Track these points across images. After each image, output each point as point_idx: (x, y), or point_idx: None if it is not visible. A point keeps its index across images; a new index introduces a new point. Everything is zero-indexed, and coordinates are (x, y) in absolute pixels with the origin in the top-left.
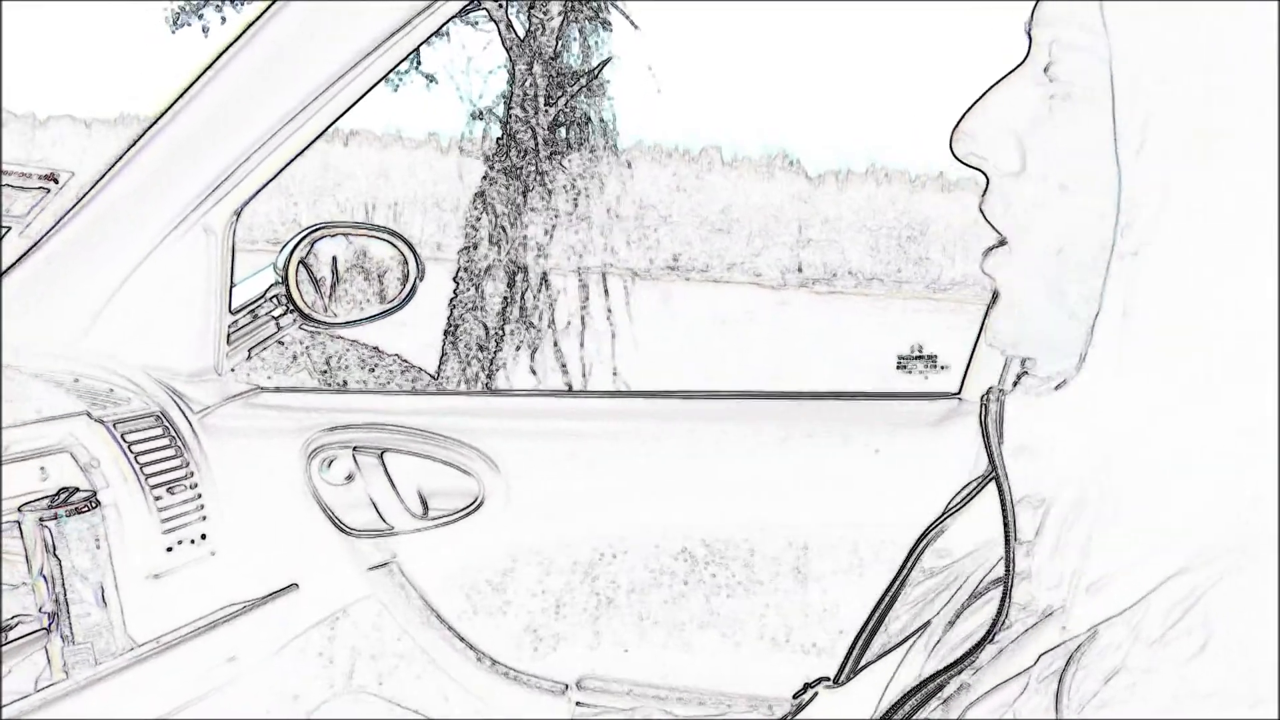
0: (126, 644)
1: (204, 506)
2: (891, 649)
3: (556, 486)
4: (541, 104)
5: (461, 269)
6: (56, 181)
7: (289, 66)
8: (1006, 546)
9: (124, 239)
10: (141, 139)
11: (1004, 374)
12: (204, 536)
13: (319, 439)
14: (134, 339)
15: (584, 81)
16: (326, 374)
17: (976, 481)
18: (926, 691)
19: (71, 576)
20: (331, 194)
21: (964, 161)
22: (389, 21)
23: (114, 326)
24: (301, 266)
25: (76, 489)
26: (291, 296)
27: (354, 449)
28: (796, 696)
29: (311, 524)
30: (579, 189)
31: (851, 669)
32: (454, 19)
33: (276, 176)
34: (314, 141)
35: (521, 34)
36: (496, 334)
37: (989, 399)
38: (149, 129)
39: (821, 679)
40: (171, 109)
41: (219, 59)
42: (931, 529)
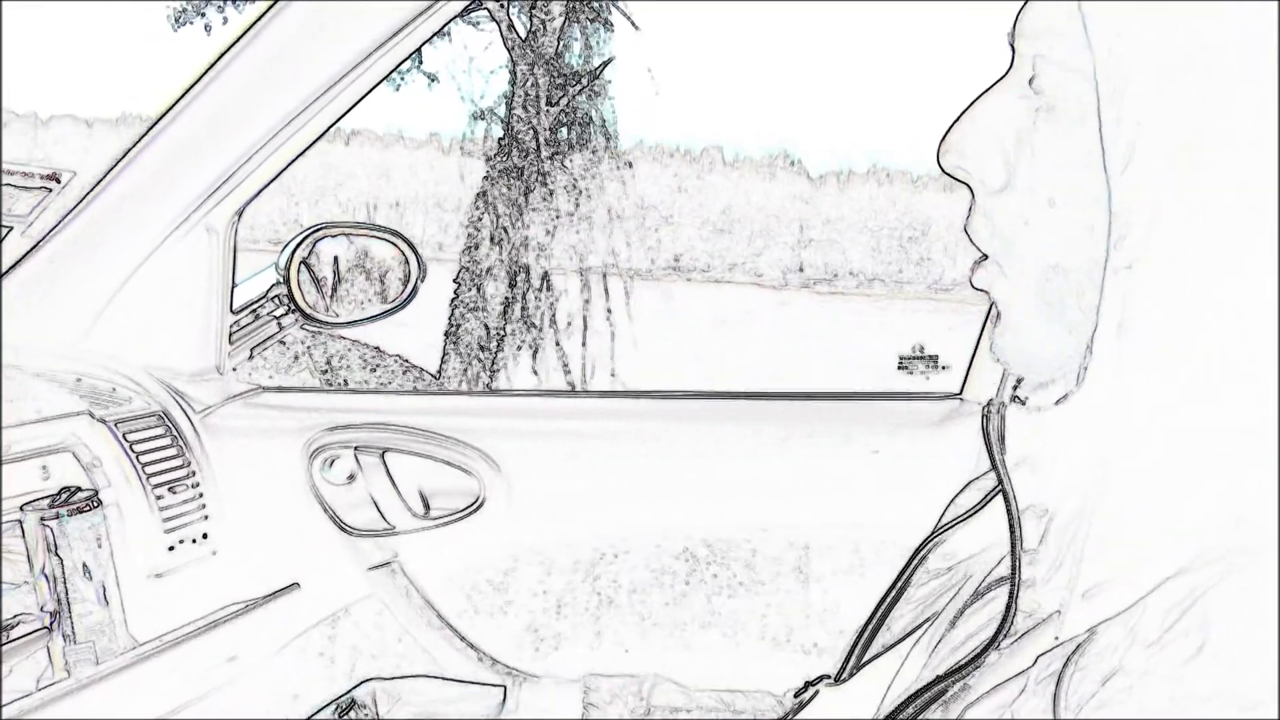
0: (128, 643)
1: (205, 506)
2: (892, 647)
3: (558, 486)
4: (543, 104)
5: (463, 269)
6: (58, 181)
7: (291, 66)
8: (1013, 554)
9: (126, 239)
10: (143, 139)
11: (1003, 380)
12: (205, 536)
13: (320, 439)
14: (136, 339)
15: (586, 82)
16: (328, 374)
17: (984, 495)
18: (930, 695)
19: (73, 575)
20: (333, 194)
21: (951, 175)
22: (391, 21)
23: (116, 326)
24: (303, 266)
25: (78, 488)
26: (293, 296)
27: (355, 449)
28: (798, 695)
29: (313, 524)
30: (580, 189)
31: (853, 667)
32: (456, 19)
33: (278, 176)
34: (316, 141)
35: (523, 34)
36: (498, 334)
37: (990, 412)
38: (151, 129)
39: (823, 677)
40: (173, 109)
41: (221, 59)
42: (935, 535)
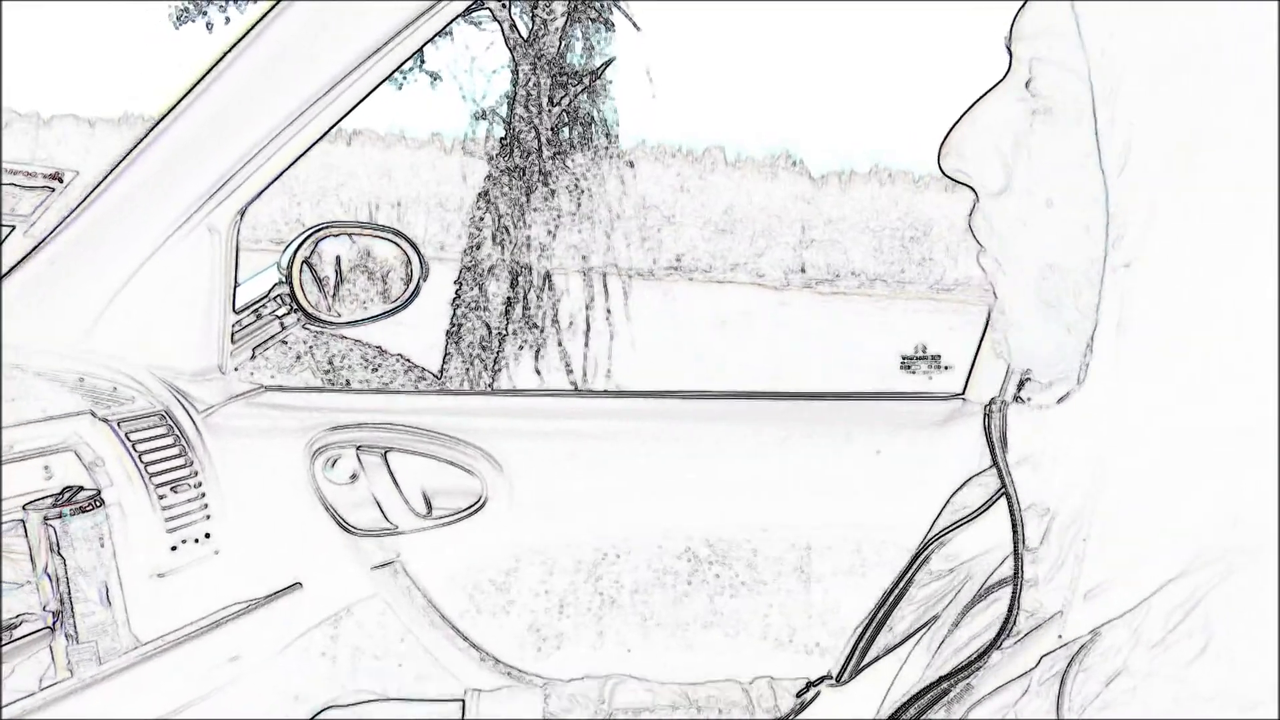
0: (130, 643)
1: (208, 505)
2: (894, 648)
3: (560, 486)
4: (545, 104)
5: (465, 269)
6: (61, 181)
7: (293, 66)
8: (1016, 554)
9: (128, 238)
10: (145, 138)
11: (1006, 380)
12: (208, 535)
13: (323, 438)
14: (138, 338)
15: (587, 82)
16: (330, 373)
17: (988, 497)
18: (933, 695)
19: (76, 575)
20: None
21: (951, 177)
22: (393, 21)
23: (118, 326)
24: (305, 266)
25: (81, 488)
26: (295, 296)
27: (358, 448)
28: (799, 695)
29: (315, 523)
30: (582, 189)
31: (854, 668)
32: (457, 19)
33: (280, 176)
34: (318, 141)
35: (525, 34)
36: (499, 334)
37: (991, 410)
38: (153, 128)
39: (824, 678)
40: (175, 108)
41: (223, 59)
42: (938, 536)
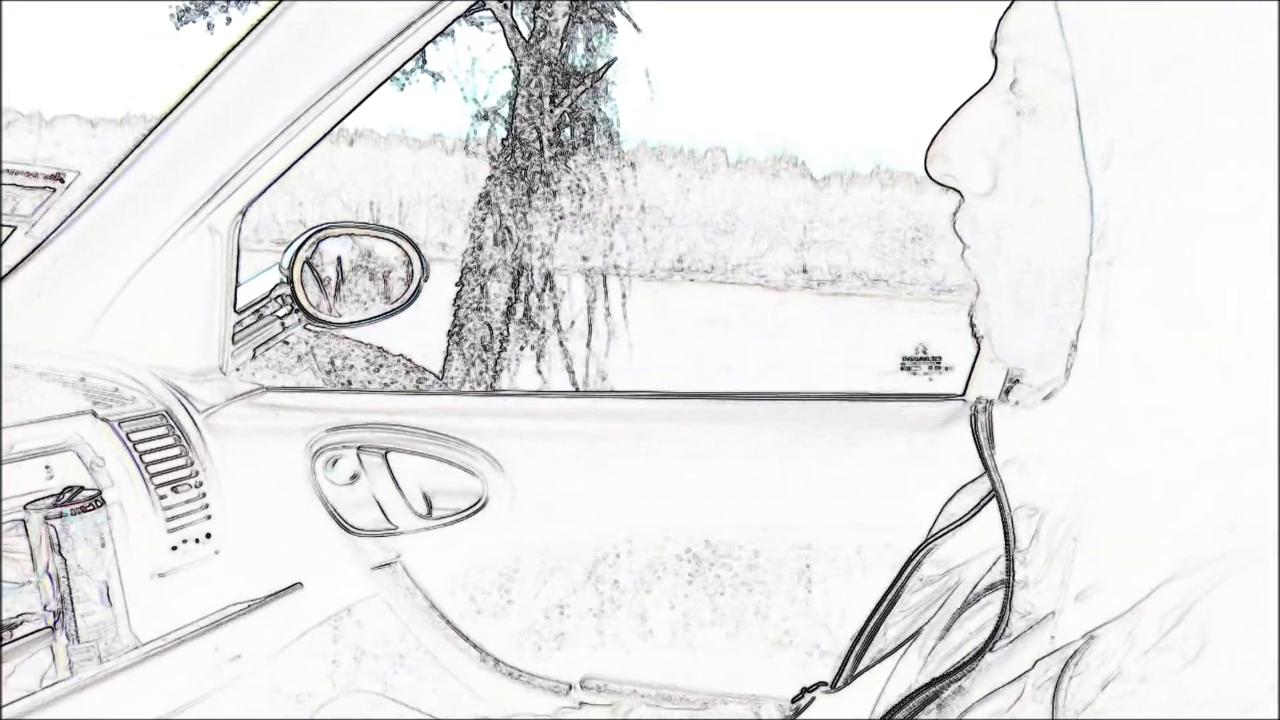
0: (131, 642)
1: (208, 505)
2: (887, 655)
3: (561, 487)
4: (546, 105)
5: (466, 269)
6: (62, 181)
7: (294, 66)
8: (1007, 555)
9: (129, 238)
10: (147, 139)
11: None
12: (208, 535)
13: (323, 438)
14: (139, 338)
15: (589, 82)
16: (331, 374)
17: (978, 501)
18: (925, 697)
19: (76, 575)
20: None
21: (939, 181)
22: (394, 22)
23: (119, 326)
24: (306, 266)
25: (82, 488)
26: (296, 296)
27: (358, 448)
28: (795, 701)
29: (316, 523)
30: (583, 190)
31: (849, 674)
32: (459, 20)
33: (282, 177)
34: (319, 141)
35: (527, 35)
36: (501, 334)
37: (977, 409)
38: (154, 128)
39: (819, 684)
40: (177, 109)
41: (224, 59)
42: (929, 542)
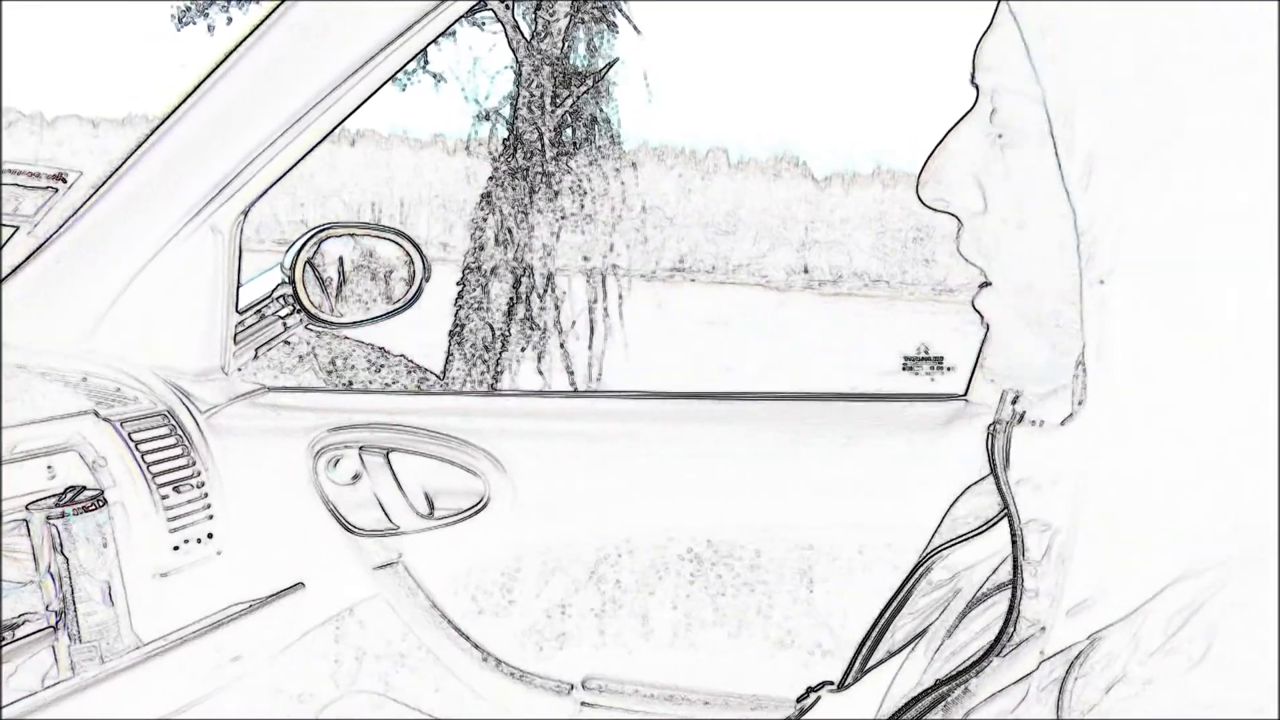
0: (133, 642)
1: (210, 505)
2: (894, 654)
3: (562, 487)
4: (548, 105)
5: (468, 269)
6: (64, 181)
7: (296, 67)
8: (1015, 566)
9: (131, 239)
10: (149, 139)
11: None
12: (210, 535)
13: (325, 438)
14: (141, 338)
15: (590, 83)
16: (333, 374)
17: (992, 516)
18: (932, 699)
19: (78, 575)
20: (338, 194)
21: (932, 207)
22: (396, 22)
23: (121, 326)
24: (308, 266)
25: (84, 488)
26: (298, 296)
27: (360, 449)
28: (800, 700)
29: (317, 523)
30: (585, 190)
31: (856, 674)
32: (460, 20)
33: (283, 177)
34: (321, 142)
35: (528, 35)
36: (502, 334)
37: (995, 431)
38: (156, 129)
39: (825, 683)
40: (178, 109)
41: (226, 59)
42: (940, 549)
